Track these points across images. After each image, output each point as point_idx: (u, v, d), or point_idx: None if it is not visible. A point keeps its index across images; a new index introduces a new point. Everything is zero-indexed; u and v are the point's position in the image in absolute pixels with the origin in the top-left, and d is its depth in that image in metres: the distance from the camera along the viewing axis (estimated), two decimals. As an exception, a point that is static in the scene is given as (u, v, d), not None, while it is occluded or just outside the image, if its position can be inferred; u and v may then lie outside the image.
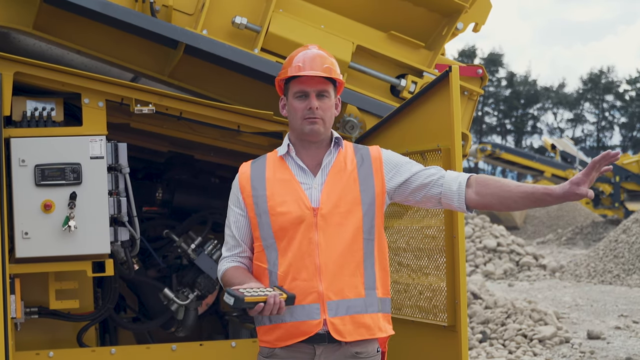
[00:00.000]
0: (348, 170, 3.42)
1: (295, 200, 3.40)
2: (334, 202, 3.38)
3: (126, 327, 5.67)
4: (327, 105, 3.42)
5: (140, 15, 4.86)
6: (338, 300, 3.35)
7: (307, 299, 3.36)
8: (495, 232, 19.14)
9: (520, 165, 31.36)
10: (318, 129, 3.40)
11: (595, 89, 73.98)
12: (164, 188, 5.96)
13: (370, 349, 3.40)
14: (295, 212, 3.39)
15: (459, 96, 4.32)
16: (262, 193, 3.44)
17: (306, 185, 3.42)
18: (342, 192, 3.39)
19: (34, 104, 4.72)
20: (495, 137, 73.15)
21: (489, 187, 3.37)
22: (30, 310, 4.90)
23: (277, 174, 3.46)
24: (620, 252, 17.44)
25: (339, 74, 3.48)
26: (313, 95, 3.40)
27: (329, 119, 3.43)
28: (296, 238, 3.38)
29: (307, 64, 3.43)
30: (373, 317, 3.39)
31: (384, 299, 3.44)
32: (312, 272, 3.36)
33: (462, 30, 5.39)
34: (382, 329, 3.41)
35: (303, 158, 3.46)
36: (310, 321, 3.36)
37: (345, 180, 3.40)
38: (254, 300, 3.27)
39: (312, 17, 5.19)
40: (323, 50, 3.52)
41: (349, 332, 3.36)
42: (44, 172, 4.55)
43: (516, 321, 10.79)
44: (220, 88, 5.29)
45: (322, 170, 3.44)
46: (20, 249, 4.54)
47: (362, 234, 3.38)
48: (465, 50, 70.34)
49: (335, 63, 3.49)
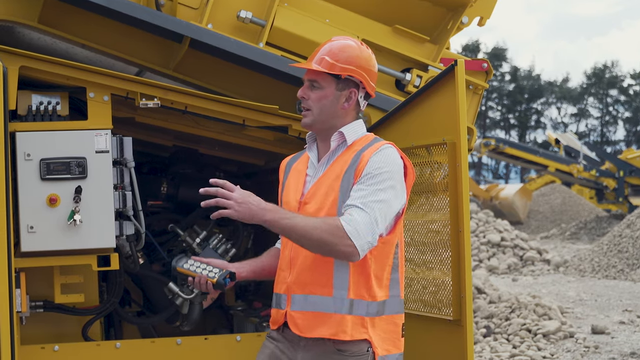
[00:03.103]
0: (340, 168, 3.39)
1: (294, 191, 3.47)
2: (316, 197, 3.39)
3: (131, 321, 5.67)
4: (317, 95, 3.40)
5: (145, 9, 4.85)
6: (302, 295, 3.36)
7: (281, 289, 3.43)
8: (499, 226, 19.13)
9: (523, 159, 31.34)
10: (305, 121, 3.44)
11: (599, 84, 73.92)
12: (168, 182, 5.96)
13: (355, 348, 3.35)
14: (290, 203, 3.46)
15: (465, 90, 4.32)
16: (284, 181, 3.57)
17: (310, 177, 3.47)
18: (327, 188, 3.38)
19: (39, 98, 4.72)
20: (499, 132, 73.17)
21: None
22: (36, 304, 4.90)
23: (299, 165, 3.55)
24: (625, 246, 17.42)
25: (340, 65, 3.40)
26: (306, 85, 3.44)
27: (320, 110, 3.41)
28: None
29: (316, 53, 3.45)
30: (337, 318, 3.33)
31: (360, 301, 3.35)
32: (287, 263, 3.43)
33: (467, 24, 5.38)
34: (346, 332, 3.33)
35: (319, 149, 3.50)
36: (280, 310, 3.44)
37: (333, 178, 3.39)
38: (184, 273, 3.45)
39: (317, 11, 5.18)
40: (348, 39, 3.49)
41: (307, 328, 3.35)
42: (50, 166, 4.55)
43: (520, 316, 10.78)
44: (225, 82, 5.28)
45: (325, 163, 3.45)
46: (25, 243, 4.54)
47: None
48: (469, 44, 70.34)
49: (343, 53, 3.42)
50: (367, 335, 3.36)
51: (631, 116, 73.94)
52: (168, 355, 5.04)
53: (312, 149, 3.52)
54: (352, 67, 3.42)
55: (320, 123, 3.43)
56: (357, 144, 3.43)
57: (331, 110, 3.43)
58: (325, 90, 3.41)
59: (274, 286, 3.51)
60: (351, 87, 3.44)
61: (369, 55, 3.50)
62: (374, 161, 3.33)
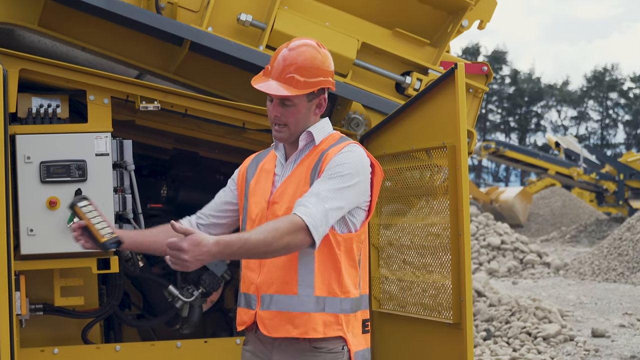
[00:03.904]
0: (307, 166, 3.38)
1: (262, 191, 3.45)
2: (284, 196, 3.37)
3: (131, 324, 5.67)
4: (291, 112, 3.35)
5: (146, 12, 4.86)
6: (270, 295, 3.34)
7: (250, 289, 3.42)
8: (499, 229, 19.12)
9: (524, 162, 31.36)
10: (282, 136, 3.40)
11: (600, 87, 73.92)
12: (168, 185, 5.97)
13: (331, 346, 3.33)
14: (258, 203, 3.44)
15: (465, 93, 4.32)
16: (250, 179, 3.53)
17: (278, 177, 3.46)
18: (294, 187, 3.36)
19: (40, 101, 4.73)
20: (499, 135, 73.15)
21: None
22: (35, 307, 4.90)
23: (266, 164, 3.53)
24: (625, 250, 17.42)
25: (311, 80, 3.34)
26: (276, 102, 3.37)
27: (296, 123, 3.37)
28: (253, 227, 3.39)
29: (274, 69, 3.37)
30: (304, 316, 3.31)
31: (332, 298, 3.33)
32: (256, 263, 3.41)
33: (467, 27, 5.38)
34: (316, 329, 3.31)
35: (286, 148, 3.48)
36: (249, 310, 3.43)
37: (299, 176, 3.38)
38: (78, 214, 3.36)
39: (317, 15, 5.18)
40: (308, 45, 3.42)
41: (274, 328, 3.34)
42: (49, 169, 4.55)
43: (520, 319, 10.78)
44: (225, 85, 5.29)
45: (292, 163, 3.44)
46: (25, 245, 4.54)
47: None
48: (469, 47, 70.36)
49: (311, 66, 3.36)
50: (341, 332, 3.34)
51: (631, 119, 73.95)
52: (168, 358, 5.04)
53: (279, 147, 3.50)
54: (321, 79, 3.39)
55: (296, 134, 3.42)
56: (323, 143, 3.42)
57: (305, 120, 3.41)
58: (298, 106, 3.37)
59: (240, 286, 3.49)
60: (321, 94, 3.42)
61: (327, 55, 3.45)
62: (336, 159, 3.31)
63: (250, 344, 3.48)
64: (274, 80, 3.36)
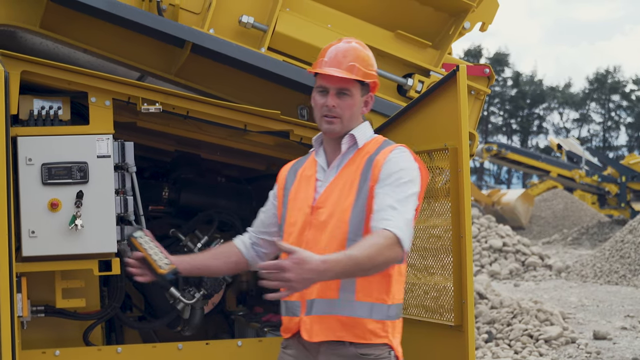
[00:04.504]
0: (354, 171, 3.37)
1: (305, 197, 3.43)
2: (328, 201, 3.36)
3: (132, 326, 5.67)
4: (346, 103, 3.36)
5: (147, 14, 4.86)
6: (314, 300, 3.33)
7: (294, 296, 3.36)
8: (501, 232, 19.12)
9: (526, 165, 31.37)
10: (334, 128, 3.38)
11: (602, 89, 73.90)
12: (170, 187, 5.96)
13: (377, 352, 3.32)
14: (300, 209, 3.42)
15: (467, 95, 4.31)
16: (289, 187, 3.51)
17: (320, 182, 3.43)
18: (340, 192, 3.35)
19: (41, 103, 4.73)
20: (501, 137, 73.18)
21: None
22: (37, 308, 4.90)
23: (306, 170, 3.50)
24: (627, 252, 17.41)
25: (369, 71, 3.40)
26: (332, 93, 3.36)
27: (349, 117, 3.37)
28: (295, 234, 3.41)
29: (332, 60, 3.38)
30: (349, 320, 3.30)
31: (380, 305, 3.33)
32: None
33: (469, 29, 5.38)
34: (363, 335, 3.30)
35: (327, 154, 3.46)
36: (293, 318, 3.41)
37: (347, 181, 3.36)
38: (135, 246, 3.42)
39: (319, 17, 5.18)
40: (359, 43, 3.45)
41: (316, 333, 3.33)
42: (51, 170, 4.55)
43: (522, 321, 10.78)
44: (227, 87, 5.29)
45: (335, 168, 3.42)
46: (26, 247, 4.54)
47: (347, 234, 3.30)
48: (471, 49, 70.35)
49: (368, 59, 3.42)
50: (387, 340, 3.34)
51: (633, 121, 73.92)
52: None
53: (319, 153, 3.49)
54: (375, 73, 3.45)
55: (346, 129, 3.40)
56: (367, 147, 3.41)
57: (357, 116, 3.42)
58: (354, 98, 3.38)
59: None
60: (369, 91, 3.45)
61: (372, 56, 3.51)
62: (392, 165, 3.30)
63: (291, 349, 3.44)
64: (334, 68, 3.36)
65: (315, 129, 4.99)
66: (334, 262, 3.00)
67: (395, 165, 3.31)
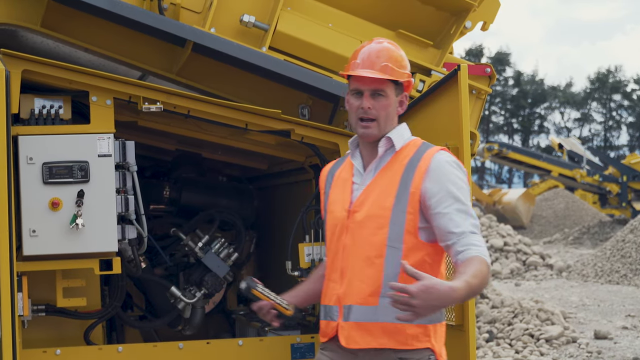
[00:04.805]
0: (393, 174, 3.33)
1: (341, 200, 3.40)
2: (367, 205, 3.32)
3: (133, 325, 5.67)
4: (382, 104, 3.33)
5: (148, 13, 4.85)
6: (353, 306, 3.30)
7: (332, 300, 3.36)
8: (502, 231, 19.11)
9: (527, 164, 31.36)
10: (371, 132, 3.35)
11: (603, 89, 73.88)
12: (171, 186, 5.96)
13: (418, 356, 3.29)
14: (337, 212, 3.39)
15: (468, 95, 4.31)
16: (328, 191, 3.50)
17: (357, 185, 3.40)
18: (378, 196, 3.31)
19: (42, 102, 4.72)
20: (502, 137, 73.19)
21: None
22: (38, 308, 4.90)
23: (343, 173, 3.48)
24: (628, 252, 17.40)
25: (403, 71, 3.38)
26: (367, 95, 3.33)
27: (384, 119, 3.35)
28: (334, 238, 3.38)
29: (365, 61, 3.35)
30: (387, 327, 3.26)
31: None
32: (338, 275, 3.35)
33: (470, 28, 5.38)
34: (404, 341, 3.28)
35: (364, 157, 3.43)
36: (330, 322, 3.38)
37: (385, 185, 3.32)
38: (258, 296, 3.48)
39: (320, 16, 5.18)
40: (391, 43, 3.43)
41: (355, 340, 3.30)
42: (52, 170, 4.55)
43: (523, 321, 10.78)
44: (228, 86, 5.28)
45: (372, 171, 3.39)
46: (27, 246, 4.53)
47: (386, 241, 3.27)
48: (472, 49, 70.34)
49: (401, 59, 3.40)
50: (429, 344, 3.31)
51: (635, 121, 73.90)
52: (170, 359, 5.03)
53: (355, 155, 3.46)
54: (408, 71, 3.43)
55: (383, 132, 3.37)
56: (405, 150, 3.37)
57: (392, 117, 3.39)
58: (389, 98, 3.35)
59: (321, 298, 3.45)
60: (403, 90, 3.43)
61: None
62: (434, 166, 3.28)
63: (329, 350, 3.42)
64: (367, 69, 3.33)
65: (317, 128, 5.00)
66: (458, 291, 2.99)
67: (443, 176, 3.27)
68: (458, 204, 3.24)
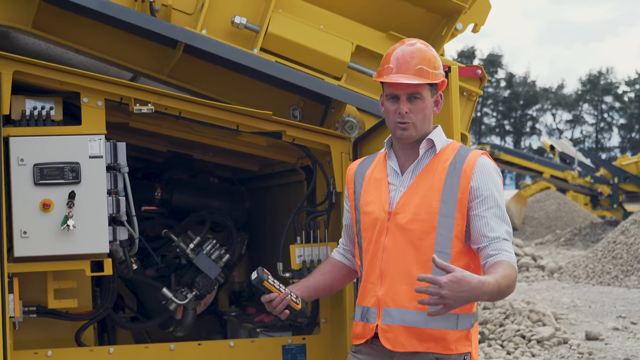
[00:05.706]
0: (435, 177, 3.31)
1: (378, 201, 3.38)
2: (409, 208, 3.30)
3: (124, 327, 5.66)
4: (419, 107, 3.32)
5: (140, 15, 4.85)
6: (394, 309, 3.29)
7: (370, 302, 3.35)
8: (494, 232, 19.10)
9: (519, 166, 31.38)
10: (409, 134, 3.34)
11: (594, 90, 74.03)
12: (162, 187, 5.96)
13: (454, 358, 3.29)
14: (375, 213, 3.37)
15: (459, 97, 4.32)
16: (359, 190, 3.47)
17: (394, 186, 3.38)
18: (422, 199, 3.30)
19: (33, 103, 4.72)
20: (494, 138, 73.26)
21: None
22: (29, 309, 4.89)
23: (375, 172, 3.46)
24: (619, 253, 17.44)
25: (436, 72, 3.36)
26: (403, 99, 3.32)
27: (421, 121, 3.34)
28: (372, 239, 3.36)
29: (398, 65, 3.34)
30: (435, 332, 3.26)
31: (466, 315, 3.30)
32: (377, 276, 3.34)
33: (461, 30, 5.38)
34: (448, 346, 3.27)
35: (400, 157, 3.41)
36: (368, 324, 3.37)
37: (428, 187, 3.31)
38: (268, 288, 3.42)
39: (312, 17, 5.18)
40: (423, 43, 3.42)
41: (400, 343, 3.28)
42: (43, 171, 4.54)
43: (514, 322, 10.79)
44: (219, 88, 5.28)
45: (411, 172, 3.37)
46: (18, 248, 4.53)
47: (434, 246, 3.26)
48: (464, 51, 70.43)
49: (435, 59, 3.38)
50: (470, 348, 3.33)
51: (626, 123, 74.06)
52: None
53: (391, 155, 3.45)
54: (442, 71, 3.42)
55: (420, 133, 3.36)
56: (445, 152, 3.37)
57: (429, 118, 3.39)
58: (425, 101, 3.34)
59: (358, 298, 3.44)
60: (438, 90, 3.42)
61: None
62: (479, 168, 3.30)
63: (362, 354, 3.40)
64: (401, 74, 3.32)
65: (308, 130, 5.00)
66: (489, 285, 3.01)
67: (493, 183, 3.30)
68: (496, 208, 3.27)
